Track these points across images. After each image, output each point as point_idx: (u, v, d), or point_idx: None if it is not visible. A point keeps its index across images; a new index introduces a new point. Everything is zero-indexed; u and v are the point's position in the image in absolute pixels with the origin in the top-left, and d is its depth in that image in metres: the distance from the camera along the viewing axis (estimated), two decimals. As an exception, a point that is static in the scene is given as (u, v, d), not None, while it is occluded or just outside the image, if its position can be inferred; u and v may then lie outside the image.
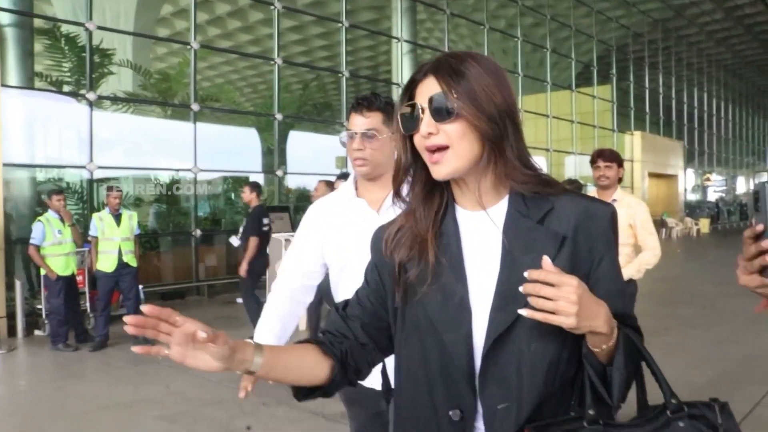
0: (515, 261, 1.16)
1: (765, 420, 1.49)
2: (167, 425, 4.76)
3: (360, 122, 2.12)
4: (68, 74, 10.68)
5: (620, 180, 4.53)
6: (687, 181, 29.97)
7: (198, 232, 10.97)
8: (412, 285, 1.24)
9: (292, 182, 13.48)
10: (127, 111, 11.58)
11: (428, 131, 1.16)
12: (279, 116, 12.10)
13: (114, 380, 5.92)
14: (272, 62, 12.24)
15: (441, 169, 1.17)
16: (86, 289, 8.06)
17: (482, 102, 1.15)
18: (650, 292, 11.64)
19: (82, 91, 9.77)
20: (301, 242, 2.26)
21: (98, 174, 9.78)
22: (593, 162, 4.51)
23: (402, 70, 15.29)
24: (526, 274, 1.05)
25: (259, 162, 13.55)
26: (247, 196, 7.62)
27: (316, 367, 1.27)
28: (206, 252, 11.28)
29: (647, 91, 26.31)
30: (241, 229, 7.85)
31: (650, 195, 25.59)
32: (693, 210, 30.94)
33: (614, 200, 4.39)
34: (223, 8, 15.50)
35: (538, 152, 19.16)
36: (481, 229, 1.22)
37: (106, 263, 7.03)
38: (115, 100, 11.35)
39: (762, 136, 42.19)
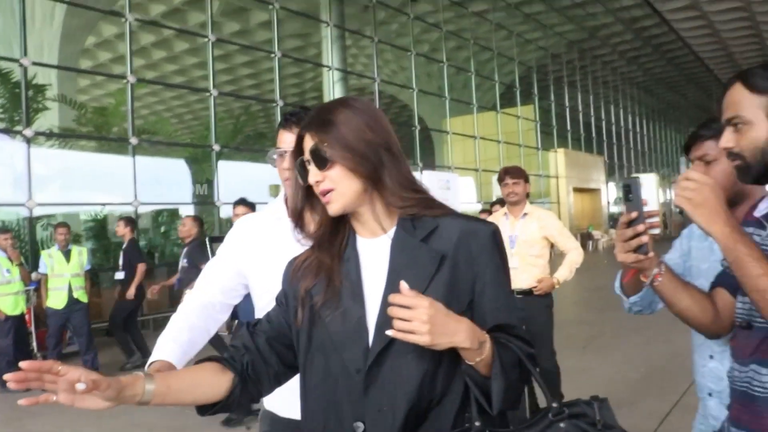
0: (398, 278, 1.22)
1: (692, 406, 1.80)
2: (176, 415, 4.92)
3: (290, 139, 1.85)
4: (1, 111, 10.58)
5: (527, 195, 4.75)
6: (609, 194, 31.26)
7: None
8: (318, 309, 1.34)
9: (225, 212, 13.56)
10: (64, 146, 11.52)
11: (315, 180, 1.31)
12: (216, 147, 12.24)
13: (75, 416, 5.95)
14: (207, 93, 12.40)
15: (332, 207, 1.32)
16: (32, 329, 8.00)
17: (351, 143, 1.28)
18: (584, 300, 12.29)
19: (18, 128, 9.73)
20: (222, 257, 2.11)
21: (37, 211, 9.72)
22: (501, 180, 4.72)
23: (334, 96, 15.64)
24: (388, 298, 1.16)
25: (193, 193, 13.59)
26: (121, 230, 8.00)
27: (214, 383, 1.33)
28: (148, 286, 11.25)
29: (567, 110, 27.44)
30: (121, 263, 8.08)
31: (576, 209, 26.63)
32: (616, 222, 32.16)
33: (525, 214, 4.67)
34: (148, 39, 15.53)
35: (467, 173, 19.79)
36: (378, 254, 1.33)
37: (56, 300, 7.05)
38: (53, 136, 11.29)
39: (675, 149, 44.38)
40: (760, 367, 1.41)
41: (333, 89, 15.73)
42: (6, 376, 1.05)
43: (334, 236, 1.39)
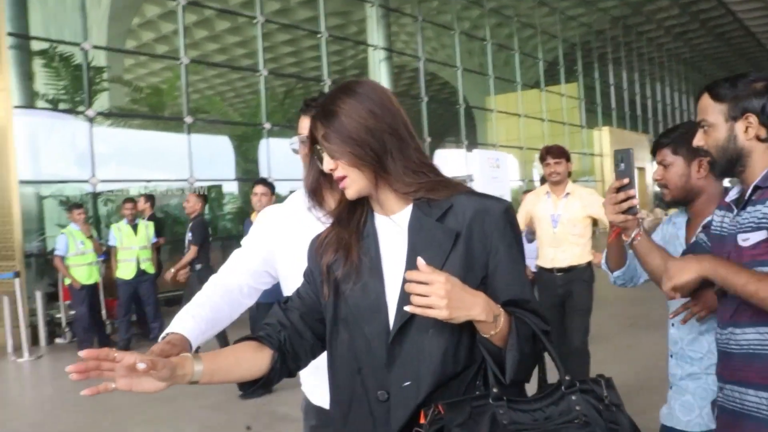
0: (417, 257, 1.25)
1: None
2: (212, 413, 5.24)
3: (306, 123, 1.81)
4: (63, 92, 11.01)
5: (569, 174, 4.75)
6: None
7: (196, 240, 11.34)
8: (339, 283, 1.39)
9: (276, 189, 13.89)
10: (123, 125, 11.95)
11: (329, 168, 1.36)
12: (267, 125, 12.56)
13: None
14: (257, 73, 12.71)
15: (348, 192, 1.37)
16: (101, 298, 8.43)
17: (353, 134, 1.32)
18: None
19: (81, 108, 10.16)
20: (251, 243, 2.07)
21: (100, 187, 10.16)
22: (542, 159, 4.72)
23: (380, 75, 15.82)
24: (405, 275, 1.21)
25: (243, 170, 13.95)
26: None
27: (255, 360, 1.39)
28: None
29: (612, 87, 27.15)
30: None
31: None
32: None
33: (567, 194, 4.68)
34: (190, 18, 15.83)
35: (511, 150, 19.84)
36: (396, 232, 1.38)
37: (125, 271, 7.45)
38: (114, 116, 11.70)
39: (721, 126, 43.48)
40: (735, 329, 1.74)
41: (378, 68, 15.91)
42: (68, 368, 1.11)
43: (353, 213, 1.44)
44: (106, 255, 8.03)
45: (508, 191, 8.87)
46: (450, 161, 17.96)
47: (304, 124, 1.91)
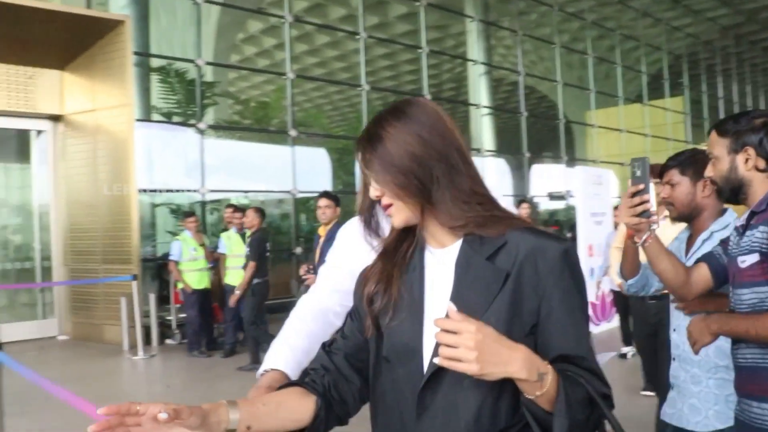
0: (462, 298, 1.17)
1: None
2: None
3: None
4: (177, 106, 11.63)
5: None
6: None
7: (299, 250, 11.73)
8: (378, 317, 1.29)
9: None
10: (230, 138, 12.49)
11: (376, 195, 1.26)
12: (368, 138, 12.80)
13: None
14: (359, 87, 13.02)
15: (394, 221, 1.27)
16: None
17: (396, 161, 1.20)
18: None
19: (193, 121, 10.70)
20: (336, 259, 1.98)
21: (208, 197, 10.66)
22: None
23: (479, 90, 15.86)
24: (434, 321, 1.08)
25: (340, 182, 14.25)
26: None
27: (299, 408, 1.28)
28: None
29: (721, 100, 26.11)
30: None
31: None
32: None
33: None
34: (292, 33, 16.36)
35: (611, 166, 19.37)
36: (444, 267, 1.26)
37: (234, 278, 7.77)
38: (223, 128, 12.25)
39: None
40: (741, 344, 1.95)
41: (477, 82, 15.95)
42: (90, 428, 1.03)
43: (401, 243, 1.32)
44: (215, 262, 8.40)
45: (610, 208, 8.67)
46: (548, 177, 17.73)
47: None
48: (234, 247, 7.87)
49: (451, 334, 1.06)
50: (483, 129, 16.18)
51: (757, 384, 1.89)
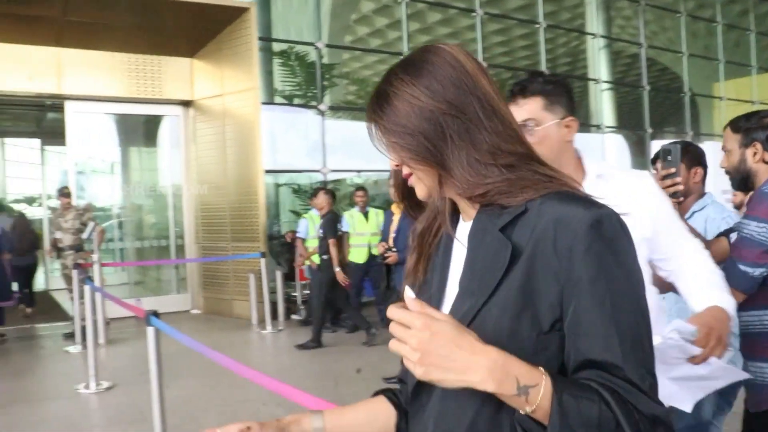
0: (467, 281, 1.02)
1: None
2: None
3: (515, 113, 1.69)
4: (298, 89, 11.94)
5: None
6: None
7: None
8: None
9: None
10: (348, 118, 12.73)
11: (393, 164, 1.08)
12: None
13: (386, 354, 6.80)
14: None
15: (418, 193, 1.09)
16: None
17: (401, 118, 1.01)
18: None
19: (313, 103, 10.97)
20: None
21: (330, 177, 10.93)
22: None
23: (599, 64, 15.34)
24: (387, 311, 0.90)
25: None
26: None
27: (388, 417, 1.18)
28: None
29: None
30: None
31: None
32: None
33: None
34: (433, 17, 16.32)
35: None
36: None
37: (358, 256, 7.96)
38: (342, 109, 12.51)
39: None
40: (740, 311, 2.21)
41: (597, 56, 15.42)
42: None
43: (434, 220, 1.15)
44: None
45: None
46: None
47: (513, 110, 1.78)
48: (357, 226, 8.06)
49: (402, 327, 0.88)
50: (603, 104, 15.66)
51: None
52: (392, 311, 0.89)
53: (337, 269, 7.47)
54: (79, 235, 8.35)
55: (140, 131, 12.07)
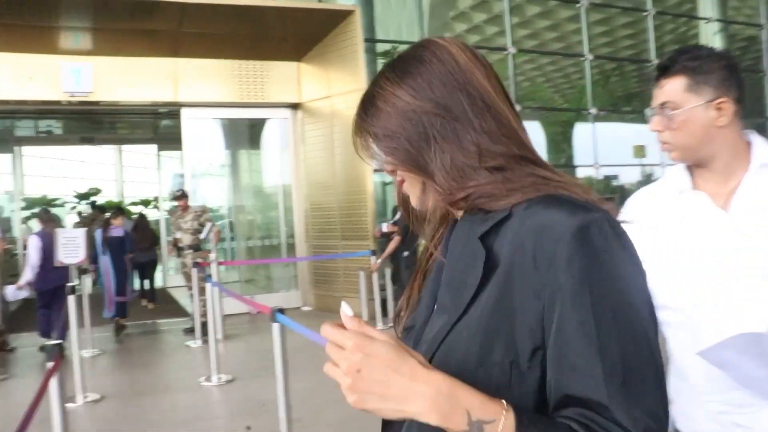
0: (444, 294, 0.92)
1: None
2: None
3: (656, 95, 1.60)
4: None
5: None
6: None
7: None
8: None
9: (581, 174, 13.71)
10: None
11: (386, 169, 1.00)
12: (593, 110, 12.40)
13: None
14: (582, 58, 12.59)
15: (411, 201, 1.00)
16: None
17: (383, 120, 0.94)
18: None
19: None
20: None
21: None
22: None
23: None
24: (321, 329, 0.80)
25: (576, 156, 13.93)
26: None
27: None
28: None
29: None
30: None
31: None
32: None
33: None
34: (533, 10, 16.09)
35: None
36: None
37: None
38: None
39: None
40: None
41: (711, 42, 14.70)
42: None
43: (439, 226, 1.05)
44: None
45: None
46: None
47: (654, 94, 1.62)
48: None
49: (337, 348, 0.78)
50: (717, 92, 14.89)
51: None
52: (325, 329, 0.78)
53: (377, 261, 7.71)
54: (197, 235, 8.73)
55: (249, 135, 12.49)
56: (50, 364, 3.19)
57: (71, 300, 6.01)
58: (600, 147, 12.36)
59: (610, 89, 14.27)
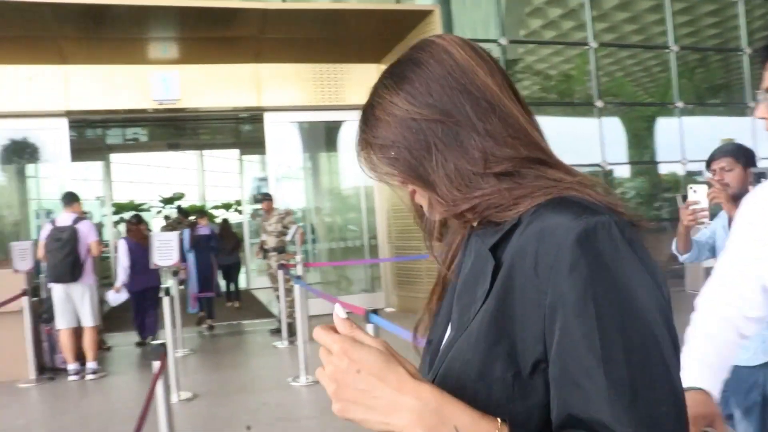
0: (457, 306, 0.89)
1: None
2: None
3: (765, 77, 1.43)
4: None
5: None
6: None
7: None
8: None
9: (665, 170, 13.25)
10: (535, 114, 12.52)
11: (396, 181, 0.95)
12: (680, 104, 11.99)
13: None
14: (667, 50, 12.19)
15: (429, 213, 0.96)
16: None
17: (383, 129, 0.89)
18: None
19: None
20: (731, 254, 1.58)
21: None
22: None
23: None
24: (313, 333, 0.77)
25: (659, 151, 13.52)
26: None
27: None
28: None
29: None
30: None
31: None
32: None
33: None
34: (611, 3, 15.72)
35: None
36: None
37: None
38: (530, 105, 12.26)
39: None
40: None
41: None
42: None
43: (455, 237, 1.02)
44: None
45: None
46: None
47: (765, 75, 1.45)
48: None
49: (326, 352, 0.75)
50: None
51: None
52: (316, 331, 0.76)
53: None
54: (282, 238, 8.88)
55: (330, 137, 12.63)
56: (157, 364, 3.28)
57: (166, 302, 6.19)
58: (686, 142, 11.92)
59: (696, 81, 13.77)
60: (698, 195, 2.93)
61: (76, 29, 8.85)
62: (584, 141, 11.50)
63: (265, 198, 9.21)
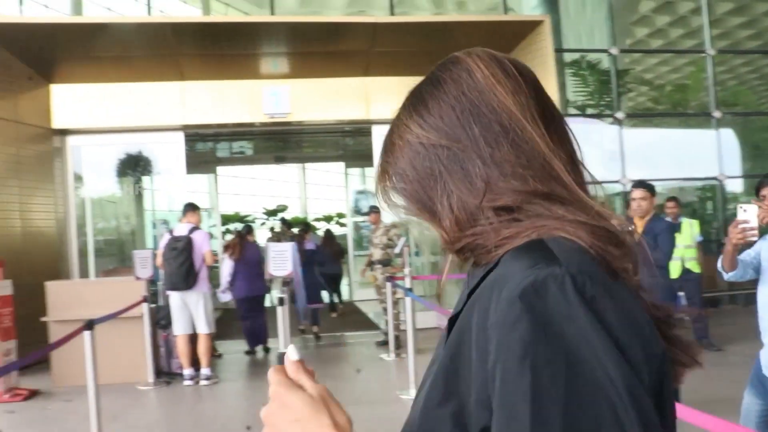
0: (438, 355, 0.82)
1: None
2: None
3: None
4: (590, 98, 11.62)
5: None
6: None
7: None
8: None
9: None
10: (645, 125, 12.10)
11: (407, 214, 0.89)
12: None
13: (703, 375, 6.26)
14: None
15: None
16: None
17: (397, 160, 0.83)
18: None
19: (608, 111, 10.58)
20: None
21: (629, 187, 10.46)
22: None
23: None
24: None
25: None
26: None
27: None
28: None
29: None
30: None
31: None
32: None
33: None
34: (724, 8, 15.04)
35: None
36: None
37: (671, 270, 7.44)
38: (641, 116, 11.94)
39: None
40: None
41: None
42: None
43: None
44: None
45: None
46: None
47: None
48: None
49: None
50: None
51: None
52: (270, 372, 0.74)
53: None
54: (387, 250, 8.88)
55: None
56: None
57: (279, 311, 6.29)
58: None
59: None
60: (748, 214, 3.07)
61: (193, 46, 9.22)
62: (700, 153, 10.99)
63: (372, 210, 9.25)
